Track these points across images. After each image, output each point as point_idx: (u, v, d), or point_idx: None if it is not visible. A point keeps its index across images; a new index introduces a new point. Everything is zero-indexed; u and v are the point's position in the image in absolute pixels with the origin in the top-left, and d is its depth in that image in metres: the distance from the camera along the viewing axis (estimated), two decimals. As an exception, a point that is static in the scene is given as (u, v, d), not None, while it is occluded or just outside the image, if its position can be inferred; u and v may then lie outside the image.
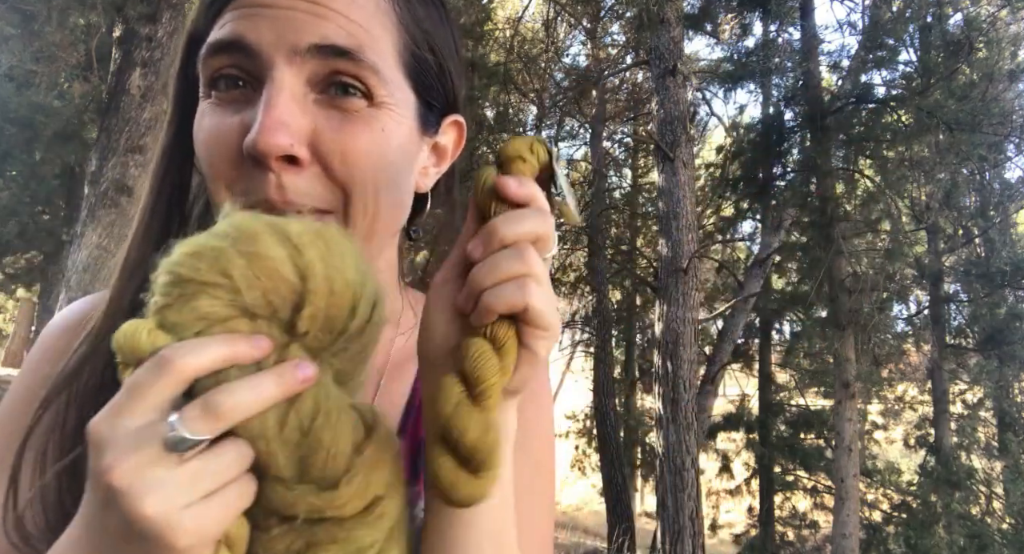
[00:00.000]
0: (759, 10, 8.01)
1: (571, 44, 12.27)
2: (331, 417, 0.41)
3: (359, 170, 0.54)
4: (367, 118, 0.54)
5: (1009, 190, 9.54)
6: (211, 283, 0.39)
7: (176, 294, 0.40)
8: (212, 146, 0.54)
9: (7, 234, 10.00)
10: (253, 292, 0.40)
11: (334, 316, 0.42)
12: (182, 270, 0.40)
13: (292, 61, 0.52)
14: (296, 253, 0.41)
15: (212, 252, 0.40)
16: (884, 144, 7.30)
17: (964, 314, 9.44)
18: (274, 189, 0.51)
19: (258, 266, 0.40)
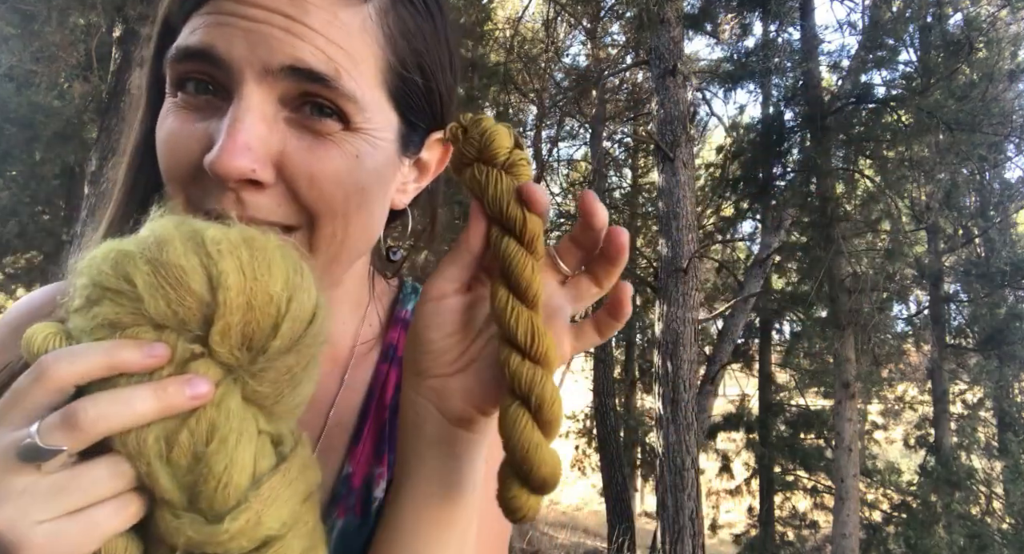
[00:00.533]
0: (759, 10, 8.01)
1: (571, 44, 12.27)
2: (227, 443, 0.37)
3: (327, 195, 0.51)
4: (340, 142, 0.51)
5: (1009, 190, 9.54)
6: (114, 289, 0.37)
7: (83, 298, 0.38)
8: (172, 151, 0.51)
9: (7, 234, 9.99)
10: (157, 302, 0.37)
11: (252, 333, 0.38)
12: (90, 274, 0.38)
13: (263, 80, 0.48)
14: (209, 261, 0.37)
15: (120, 257, 0.38)
16: (884, 144, 7.30)
17: (964, 314, 9.44)
18: (231, 203, 0.49)
19: (163, 274, 0.37)
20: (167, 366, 0.37)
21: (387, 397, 0.66)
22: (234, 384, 0.39)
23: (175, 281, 0.37)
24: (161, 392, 0.37)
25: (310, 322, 0.40)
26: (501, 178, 0.46)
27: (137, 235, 0.39)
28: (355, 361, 0.67)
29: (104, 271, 0.38)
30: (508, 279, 0.44)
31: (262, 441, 0.40)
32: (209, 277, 0.37)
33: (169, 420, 0.37)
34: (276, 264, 0.39)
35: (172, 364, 0.37)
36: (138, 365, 0.37)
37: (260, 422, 0.40)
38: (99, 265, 0.38)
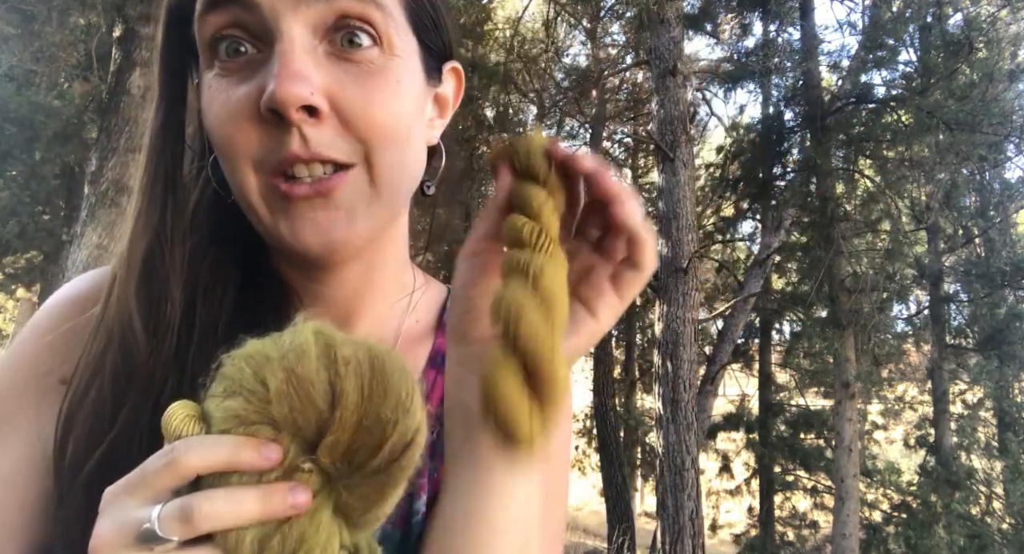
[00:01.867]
0: (759, 10, 8.01)
1: (571, 44, 12.27)
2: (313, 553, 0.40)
3: (379, 122, 0.52)
4: (382, 70, 0.53)
5: (1009, 190, 9.54)
6: (249, 388, 0.40)
7: (220, 389, 0.41)
8: (228, 118, 0.52)
9: (7, 234, 9.99)
10: (281, 406, 0.40)
11: (356, 450, 0.41)
12: (231, 369, 0.41)
13: (297, 9, 0.50)
14: (336, 379, 0.40)
15: (260, 360, 0.41)
16: (884, 144, 7.30)
17: (964, 314, 9.43)
18: (297, 143, 0.50)
19: (294, 384, 0.40)
20: (277, 469, 0.40)
21: (431, 407, 0.64)
22: (329, 495, 0.42)
23: (303, 393, 0.40)
24: (267, 497, 0.39)
25: (408, 446, 0.41)
26: (538, 139, 0.50)
27: (279, 336, 0.42)
28: (402, 347, 0.66)
29: (245, 371, 0.40)
30: (525, 213, 0.47)
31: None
32: (332, 393, 0.40)
33: (267, 524, 0.39)
34: (392, 387, 0.41)
35: (281, 467, 0.40)
36: (254, 465, 0.39)
37: (343, 535, 0.42)
38: (242, 364, 0.41)
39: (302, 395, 0.40)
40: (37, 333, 0.61)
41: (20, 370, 0.59)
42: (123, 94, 5.36)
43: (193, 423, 0.41)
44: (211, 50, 0.53)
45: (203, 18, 0.52)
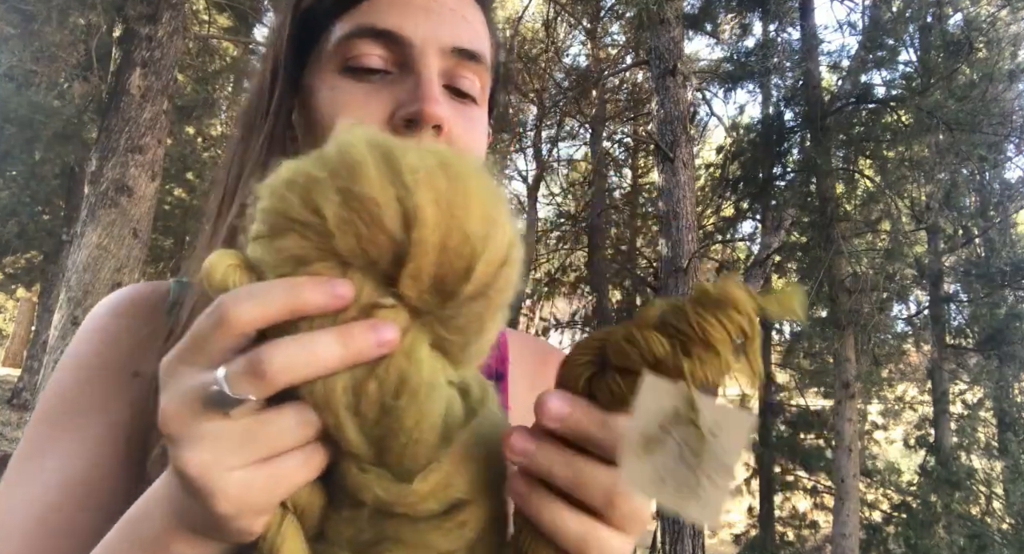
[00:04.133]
0: (759, 10, 8.00)
1: (571, 44, 12.28)
2: (418, 395, 0.33)
3: (472, 153, 0.61)
4: (479, 118, 0.63)
5: (1009, 190, 9.54)
6: (301, 221, 0.33)
7: (267, 226, 0.34)
8: (355, 112, 0.57)
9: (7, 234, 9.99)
10: (347, 238, 0.33)
11: (444, 276, 0.34)
12: (275, 200, 0.34)
13: (438, 55, 0.59)
14: (405, 193, 0.32)
15: (307, 183, 0.33)
16: (884, 144, 7.29)
17: (964, 314, 9.43)
18: None
19: (355, 207, 0.32)
20: (352, 308, 0.34)
21: None
22: (421, 331, 0.35)
23: (369, 216, 0.32)
24: (347, 339, 0.33)
25: (503, 264, 0.35)
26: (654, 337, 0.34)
27: (322, 152, 0.34)
28: None
29: (290, 200, 0.33)
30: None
31: (451, 394, 0.35)
32: (404, 212, 0.32)
33: (357, 369, 0.33)
34: (474, 196, 0.34)
35: (357, 306, 0.34)
36: (322, 307, 0.34)
37: (448, 372, 0.36)
38: (284, 192, 0.33)
39: (367, 219, 0.32)
40: (101, 330, 0.62)
41: (90, 367, 0.60)
42: (123, 94, 5.36)
43: (239, 273, 0.35)
44: (345, 61, 0.59)
45: (350, 42, 0.59)
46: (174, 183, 11.02)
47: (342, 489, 0.35)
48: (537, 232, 12.08)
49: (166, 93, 5.58)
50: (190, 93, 9.17)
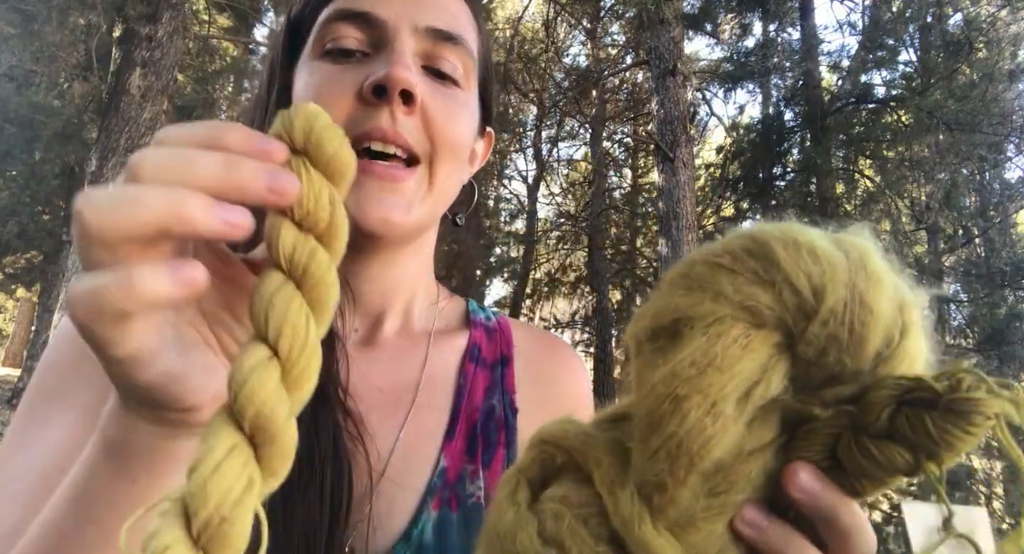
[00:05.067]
0: (759, 10, 8.01)
1: (571, 44, 12.28)
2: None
3: (452, 134, 0.61)
4: (461, 97, 0.64)
5: (1009, 190, 9.53)
6: (794, 288, 0.29)
7: (748, 265, 0.30)
8: (326, 90, 0.59)
9: (7, 234, 9.99)
10: (821, 328, 0.29)
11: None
12: (782, 254, 0.29)
13: (413, 33, 0.61)
14: (899, 333, 0.30)
15: (826, 264, 0.29)
16: (884, 144, 7.30)
17: (964, 314, 9.44)
18: (387, 119, 0.57)
19: (853, 312, 0.29)
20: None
21: (476, 399, 0.69)
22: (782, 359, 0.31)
23: (856, 328, 0.29)
24: (232, 165, 0.31)
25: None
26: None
27: (845, 242, 0.30)
28: (435, 345, 0.71)
29: (804, 267, 0.29)
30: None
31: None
32: (881, 350, 0.30)
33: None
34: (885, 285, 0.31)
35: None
36: (239, 145, 0.32)
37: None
38: (805, 257, 0.29)
39: (853, 330, 0.29)
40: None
41: (74, 352, 0.60)
42: (123, 94, 5.37)
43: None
44: (323, 47, 0.62)
45: (328, 24, 0.62)
46: (174, 183, 10.99)
47: (608, 509, 0.32)
48: (537, 232, 12.08)
49: (166, 93, 5.59)
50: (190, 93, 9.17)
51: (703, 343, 0.29)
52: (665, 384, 0.29)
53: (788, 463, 0.31)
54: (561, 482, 0.34)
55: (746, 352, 0.29)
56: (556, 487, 0.34)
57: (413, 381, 0.67)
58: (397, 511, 0.60)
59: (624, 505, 0.30)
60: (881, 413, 0.29)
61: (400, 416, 0.65)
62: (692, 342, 0.29)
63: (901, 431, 0.28)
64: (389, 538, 0.59)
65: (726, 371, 0.28)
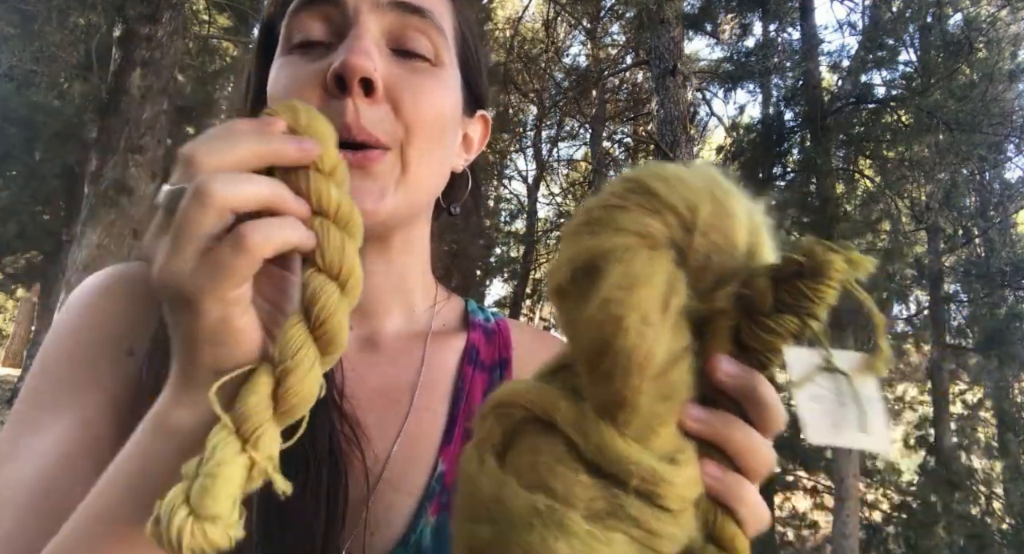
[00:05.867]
0: (759, 10, 8.01)
1: (571, 44, 12.28)
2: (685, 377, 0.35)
3: (423, 112, 0.59)
4: (433, 73, 0.61)
5: (1009, 190, 9.54)
6: (674, 210, 0.36)
7: (636, 201, 0.36)
8: (291, 85, 0.58)
9: (7, 234, 10.00)
10: (705, 238, 0.36)
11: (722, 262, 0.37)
12: (659, 185, 0.36)
13: (374, 11, 0.58)
14: (756, 229, 0.37)
15: (692, 185, 0.36)
16: (884, 144, 7.30)
17: (964, 314, 9.44)
18: (351, 113, 0.55)
19: (722, 218, 0.36)
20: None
21: (475, 403, 0.67)
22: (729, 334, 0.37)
23: (727, 230, 0.36)
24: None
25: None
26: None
27: (696, 168, 0.38)
28: (433, 346, 0.70)
29: (676, 192, 0.36)
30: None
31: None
32: (750, 242, 0.37)
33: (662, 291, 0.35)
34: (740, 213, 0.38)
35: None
36: (292, 157, 0.41)
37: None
38: (674, 184, 0.37)
39: (724, 234, 0.36)
40: (93, 307, 0.61)
41: (82, 343, 0.59)
42: (123, 94, 5.36)
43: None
44: (291, 41, 0.60)
45: (295, 14, 0.60)
46: (174, 183, 11.00)
47: (583, 457, 0.35)
48: (537, 232, 12.08)
49: (166, 93, 5.59)
50: (190, 93, 9.18)
51: (621, 269, 0.34)
52: (601, 310, 0.34)
53: (706, 361, 0.36)
54: (523, 439, 0.37)
55: (655, 269, 0.34)
56: (519, 445, 0.37)
57: (410, 384, 0.66)
58: (395, 515, 0.59)
59: (593, 432, 0.34)
60: (765, 293, 0.35)
61: (397, 419, 0.64)
62: (612, 271, 0.34)
63: (784, 301, 0.35)
64: (387, 542, 0.58)
65: (646, 287, 0.34)
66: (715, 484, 0.36)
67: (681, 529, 0.35)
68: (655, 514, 0.34)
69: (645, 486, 0.34)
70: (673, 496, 0.34)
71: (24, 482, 0.52)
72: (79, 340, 0.60)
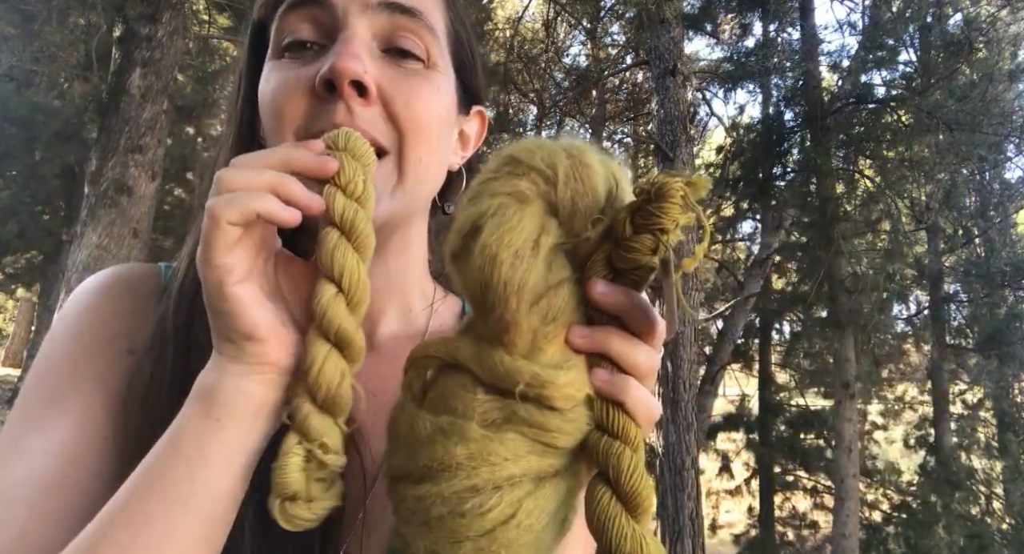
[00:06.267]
0: (759, 10, 8.01)
1: (571, 44, 12.27)
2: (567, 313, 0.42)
3: (419, 116, 0.59)
4: (426, 76, 0.61)
5: (1009, 190, 9.54)
6: (538, 169, 0.43)
7: (506, 169, 0.43)
8: (283, 89, 0.58)
9: (7, 234, 9.99)
10: (565, 190, 0.43)
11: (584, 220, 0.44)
12: (520, 151, 0.44)
13: (363, 14, 0.58)
14: (613, 176, 0.45)
15: (549, 148, 0.44)
16: (884, 144, 7.30)
17: (964, 314, 9.43)
18: (343, 114, 0.56)
19: (579, 171, 0.43)
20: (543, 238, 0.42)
21: None
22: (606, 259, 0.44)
23: (587, 180, 0.43)
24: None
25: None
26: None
27: (552, 139, 0.45)
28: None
29: (536, 154, 0.43)
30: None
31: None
32: (610, 188, 0.44)
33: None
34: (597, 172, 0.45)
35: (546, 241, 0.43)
36: (311, 167, 0.48)
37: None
38: (532, 147, 0.44)
39: (583, 182, 0.43)
40: (94, 308, 0.62)
41: (84, 342, 0.60)
42: (123, 94, 5.36)
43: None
44: (281, 43, 0.60)
45: (283, 16, 0.60)
46: (174, 183, 11.02)
47: (477, 377, 0.42)
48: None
49: (166, 93, 5.58)
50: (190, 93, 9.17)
51: (495, 221, 0.41)
52: (480, 255, 0.40)
53: (584, 286, 0.43)
54: (436, 383, 0.44)
55: (525, 217, 0.41)
56: (434, 388, 0.44)
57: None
58: (391, 514, 0.59)
59: (486, 357, 0.41)
60: (624, 221, 0.41)
61: None
62: (488, 225, 0.41)
63: (639, 223, 0.41)
64: (384, 542, 0.58)
65: (515, 231, 0.40)
66: (603, 385, 0.42)
67: (571, 423, 0.41)
68: (543, 413, 0.40)
69: (532, 391, 0.39)
70: (559, 396, 0.40)
71: (32, 482, 0.52)
72: (79, 340, 0.60)
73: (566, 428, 0.40)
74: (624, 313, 0.43)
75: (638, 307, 0.43)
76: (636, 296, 0.43)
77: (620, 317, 0.43)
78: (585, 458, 0.42)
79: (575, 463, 0.42)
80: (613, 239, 0.43)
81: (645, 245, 0.41)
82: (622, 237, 0.42)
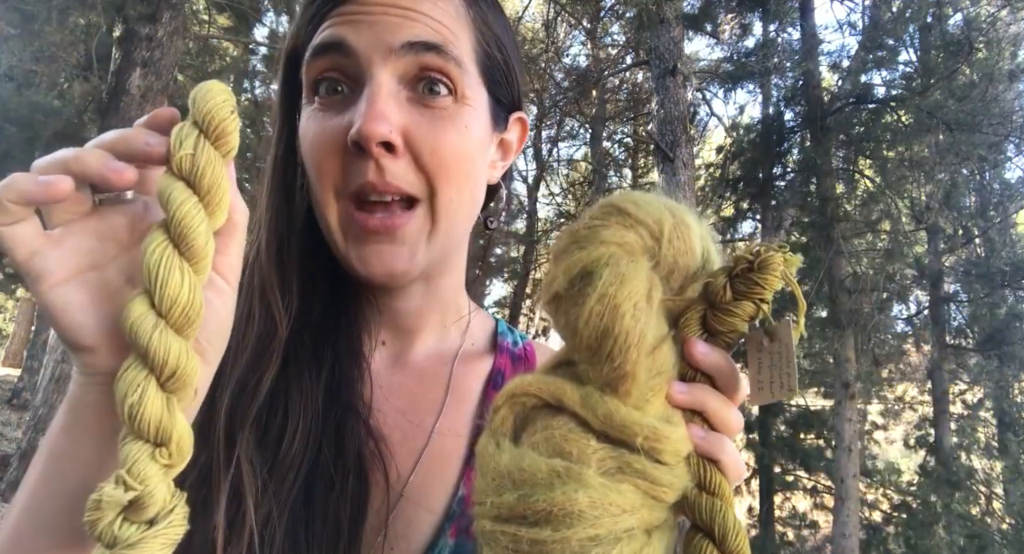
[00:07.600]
0: (759, 10, 8.01)
1: (571, 44, 12.28)
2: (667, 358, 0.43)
3: (445, 163, 0.60)
4: (453, 116, 0.61)
5: (1009, 190, 9.53)
6: (645, 225, 0.44)
7: (614, 221, 0.44)
8: (319, 145, 0.60)
9: (7, 234, 9.96)
10: (670, 247, 0.44)
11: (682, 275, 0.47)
12: (630, 205, 0.45)
13: (387, 59, 0.58)
14: (707, 240, 0.47)
15: (657, 206, 0.45)
16: (884, 144, 7.30)
17: (964, 314, 9.43)
18: (373, 172, 0.57)
19: (683, 231, 0.45)
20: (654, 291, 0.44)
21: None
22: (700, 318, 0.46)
23: (688, 242, 0.45)
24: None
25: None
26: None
27: (656, 195, 0.47)
28: (460, 368, 0.71)
29: (645, 210, 0.45)
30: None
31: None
32: (703, 251, 0.46)
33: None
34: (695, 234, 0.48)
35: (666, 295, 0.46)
36: (145, 150, 0.41)
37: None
38: (641, 203, 0.45)
39: (684, 241, 0.45)
40: None
41: None
42: (123, 94, 5.36)
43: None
44: (313, 88, 0.62)
45: (311, 62, 0.61)
46: (174, 183, 10.98)
47: (592, 426, 0.42)
48: (537, 232, 12.08)
49: (166, 93, 5.58)
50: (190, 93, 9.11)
51: (611, 270, 0.42)
52: (600, 302, 0.41)
53: (683, 344, 0.45)
54: (534, 422, 0.44)
55: (636, 269, 0.42)
56: (531, 427, 0.44)
57: (435, 405, 0.68)
58: (414, 532, 0.60)
59: (600, 405, 0.41)
60: (724, 286, 0.44)
61: (421, 440, 0.65)
62: (604, 273, 0.42)
63: (740, 290, 0.44)
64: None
65: (633, 282, 0.42)
66: (701, 442, 0.43)
67: (677, 479, 0.41)
68: (656, 467, 0.40)
69: (648, 443, 0.40)
70: (670, 451, 0.41)
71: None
72: None
73: (675, 484, 0.41)
74: (718, 373, 0.45)
75: (731, 368, 0.45)
76: (729, 358, 0.45)
77: (712, 376, 0.45)
78: (679, 513, 0.43)
79: (671, 518, 0.43)
80: (709, 301, 0.45)
81: (745, 311, 0.44)
82: (721, 301, 0.44)
